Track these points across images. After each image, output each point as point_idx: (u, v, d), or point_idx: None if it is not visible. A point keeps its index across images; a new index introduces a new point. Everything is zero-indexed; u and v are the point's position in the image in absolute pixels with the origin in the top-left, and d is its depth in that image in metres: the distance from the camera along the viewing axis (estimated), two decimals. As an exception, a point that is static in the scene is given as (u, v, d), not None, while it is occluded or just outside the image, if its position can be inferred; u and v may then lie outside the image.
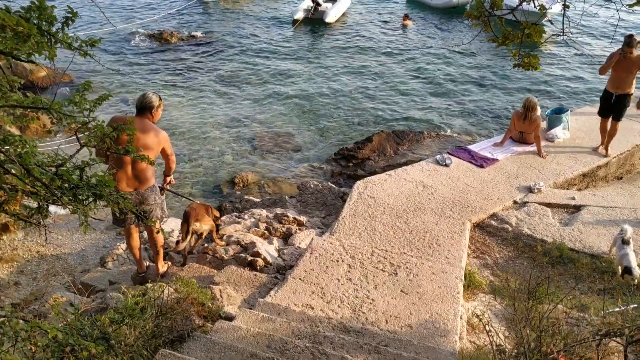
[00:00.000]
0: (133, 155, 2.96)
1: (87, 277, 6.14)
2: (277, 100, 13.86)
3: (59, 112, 2.99)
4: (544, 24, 17.76)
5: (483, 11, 3.66)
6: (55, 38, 2.66)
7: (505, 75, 15.48)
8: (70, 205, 2.73)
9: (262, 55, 17.09)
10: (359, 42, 18.52)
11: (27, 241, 7.38)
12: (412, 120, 12.83)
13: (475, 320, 4.83)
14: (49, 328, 2.41)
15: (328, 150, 11.27)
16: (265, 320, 4.22)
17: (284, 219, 7.24)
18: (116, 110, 12.26)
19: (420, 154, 10.41)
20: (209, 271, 5.50)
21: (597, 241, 6.20)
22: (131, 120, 3.60)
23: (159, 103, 4.89)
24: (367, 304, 4.83)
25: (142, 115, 4.80)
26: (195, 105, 13.53)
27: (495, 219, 6.67)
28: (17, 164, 2.57)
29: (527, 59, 3.78)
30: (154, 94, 4.89)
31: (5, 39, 2.39)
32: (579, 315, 4.81)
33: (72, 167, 2.84)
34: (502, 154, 8.12)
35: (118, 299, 4.34)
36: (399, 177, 7.42)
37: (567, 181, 7.67)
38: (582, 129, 9.03)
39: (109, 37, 17.73)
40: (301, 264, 5.37)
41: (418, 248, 5.82)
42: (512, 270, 5.86)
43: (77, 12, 2.87)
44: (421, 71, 16.02)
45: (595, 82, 15.15)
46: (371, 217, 6.43)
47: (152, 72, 15.61)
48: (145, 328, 3.44)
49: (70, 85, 13.89)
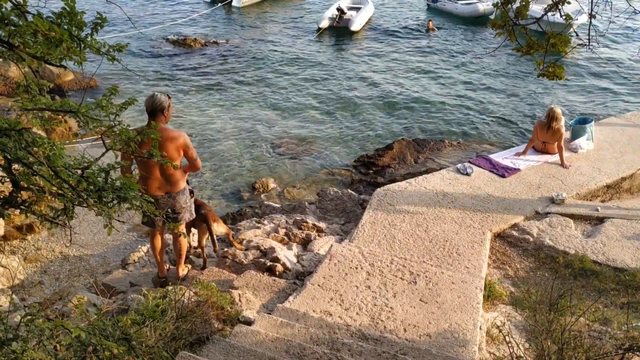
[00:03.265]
0: (157, 159, 3.01)
1: (108, 278, 6.23)
2: (298, 107, 13.92)
3: (85, 116, 3.05)
4: (570, 35, 17.63)
5: (508, 20, 3.65)
6: (84, 43, 2.72)
7: (529, 85, 15.34)
8: (95, 207, 2.78)
9: (284, 62, 17.20)
10: (382, 50, 18.53)
11: (50, 242, 7.51)
12: (434, 128, 12.77)
13: (495, 331, 4.78)
14: (72, 327, 2.45)
15: (348, 157, 11.28)
16: (283, 326, 4.23)
17: (303, 225, 7.26)
18: (140, 115, 12.42)
19: (441, 162, 10.35)
20: (228, 275, 5.53)
21: (621, 254, 6.09)
22: (155, 125, 3.59)
23: (169, 102, 4.78)
24: (385, 312, 4.81)
25: (155, 119, 4.66)
26: (217, 110, 13.66)
27: (516, 230, 6.60)
28: (45, 166, 2.62)
29: (552, 68, 3.75)
30: (162, 94, 4.76)
31: (37, 44, 2.46)
32: (602, 328, 4.72)
33: (98, 170, 2.90)
34: (524, 163, 8.04)
35: (139, 301, 4.39)
36: (420, 186, 7.39)
37: (590, 192, 7.56)
38: (607, 139, 8.91)
39: (135, 42, 18.03)
40: (320, 270, 5.38)
41: (438, 257, 5.78)
42: (533, 282, 5.78)
43: (106, 17, 2.94)
44: (444, 79, 15.96)
45: (621, 92, 14.94)
46: (391, 224, 6.41)
47: (175, 77, 15.81)
48: (166, 330, 3.48)
49: (96, 89, 14.12)
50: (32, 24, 2.32)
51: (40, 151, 2.70)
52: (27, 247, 7.37)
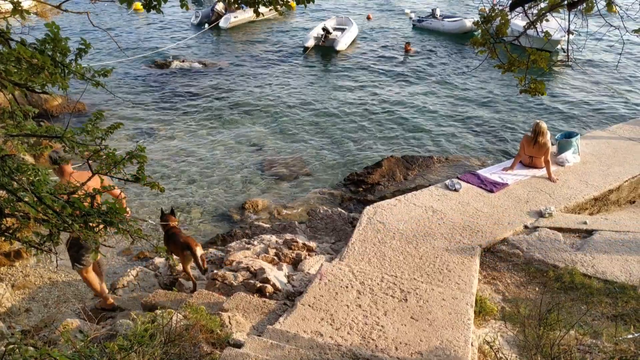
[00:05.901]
0: (143, 183, 3.01)
1: (97, 303, 6.16)
2: (286, 127, 13.98)
3: (71, 141, 3.05)
4: (556, 51, 17.91)
5: (488, 38, 3.71)
6: (68, 69, 2.74)
7: (514, 100, 15.52)
8: (81, 233, 2.77)
9: (271, 82, 17.31)
10: (368, 69, 18.71)
11: (39, 268, 7.43)
12: (422, 145, 12.87)
13: (487, 347, 4.77)
14: (58, 355, 2.42)
15: (338, 176, 11.31)
16: (274, 348, 4.20)
17: (293, 244, 7.24)
18: (126, 137, 12.42)
19: (430, 178, 10.41)
20: (218, 297, 5.50)
21: (610, 266, 6.12)
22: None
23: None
24: (376, 330, 4.79)
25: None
26: (206, 131, 13.68)
27: (506, 244, 6.63)
28: (30, 192, 2.62)
29: (534, 84, 3.81)
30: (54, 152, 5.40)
31: (20, 71, 2.47)
32: (591, 342, 4.73)
33: (83, 195, 2.89)
34: (512, 178, 8.10)
35: (127, 326, 4.35)
36: (409, 202, 7.42)
37: (578, 205, 7.62)
38: (593, 152, 9.00)
39: (123, 67, 18.07)
40: (310, 290, 5.35)
41: (428, 274, 5.78)
42: (524, 296, 5.79)
43: (90, 43, 2.96)
44: (430, 96, 16.12)
45: (604, 106, 15.15)
46: (381, 242, 6.41)
47: (163, 99, 15.84)
48: (154, 355, 3.44)
49: (84, 114, 14.11)
50: (14, 51, 2.34)
51: (24, 177, 2.70)
52: (15, 273, 7.28)
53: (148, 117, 14.38)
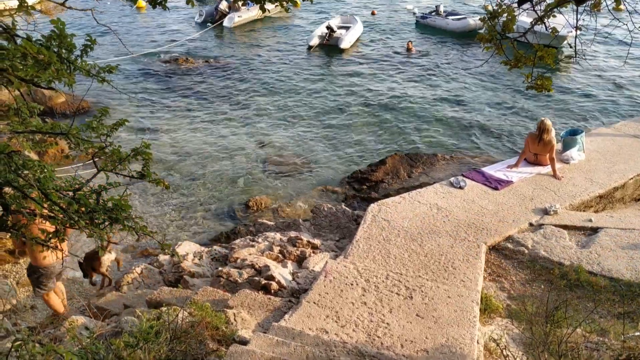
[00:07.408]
0: (148, 180, 3.01)
1: (102, 300, 6.17)
2: (290, 124, 13.96)
3: (76, 137, 3.04)
4: (563, 47, 17.83)
5: (494, 34, 3.68)
6: (74, 65, 2.73)
7: (519, 97, 15.47)
8: (87, 229, 2.77)
9: (275, 81, 17.27)
10: (372, 67, 18.66)
11: (43, 265, 7.42)
12: (426, 142, 12.83)
13: (493, 344, 4.76)
14: (64, 352, 2.42)
15: (342, 173, 11.29)
16: (279, 345, 4.19)
17: (298, 242, 7.23)
18: (131, 134, 12.43)
19: (434, 176, 10.37)
20: (222, 295, 5.49)
21: (616, 264, 6.10)
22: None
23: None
24: (382, 328, 4.78)
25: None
26: (209, 129, 13.67)
27: (511, 242, 6.61)
28: (36, 189, 2.61)
29: (540, 80, 3.78)
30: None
31: (26, 67, 2.46)
32: (599, 339, 4.71)
33: (89, 192, 2.88)
34: (516, 175, 8.07)
35: (133, 323, 4.35)
36: (413, 200, 7.40)
37: (583, 203, 7.59)
38: (598, 150, 8.97)
39: (126, 63, 18.07)
40: (315, 288, 5.35)
41: (433, 271, 5.77)
42: (529, 294, 5.77)
43: (95, 39, 2.95)
44: (435, 94, 16.06)
45: (609, 103, 15.08)
46: (385, 240, 6.40)
47: (167, 97, 15.83)
48: (160, 352, 3.44)
49: (88, 110, 14.12)
50: (21, 47, 2.33)
51: (31, 174, 2.69)
52: (20, 271, 7.29)
53: (152, 115, 14.39)
